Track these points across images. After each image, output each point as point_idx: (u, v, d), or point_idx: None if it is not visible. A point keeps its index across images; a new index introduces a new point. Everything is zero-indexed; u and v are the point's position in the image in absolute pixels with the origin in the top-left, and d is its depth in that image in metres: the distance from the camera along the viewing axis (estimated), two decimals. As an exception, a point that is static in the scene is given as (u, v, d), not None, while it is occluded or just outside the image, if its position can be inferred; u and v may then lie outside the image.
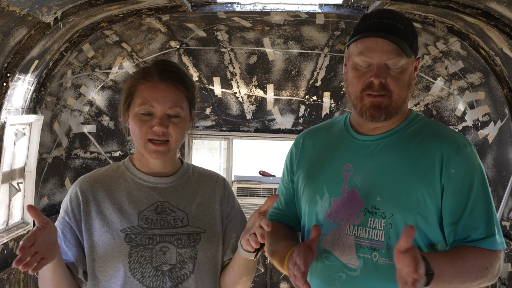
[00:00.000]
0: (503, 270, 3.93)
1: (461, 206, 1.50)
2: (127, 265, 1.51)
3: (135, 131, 1.55)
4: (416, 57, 1.56)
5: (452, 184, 1.49)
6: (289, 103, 5.10)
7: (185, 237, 1.56)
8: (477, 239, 1.50)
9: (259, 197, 5.27)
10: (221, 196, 1.67)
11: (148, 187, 1.59)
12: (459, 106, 4.52)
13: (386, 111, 1.50)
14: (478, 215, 1.50)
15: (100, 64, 4.51)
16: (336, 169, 1.58)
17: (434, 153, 1.51)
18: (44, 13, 3.04)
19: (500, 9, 3.02)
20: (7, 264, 3.61)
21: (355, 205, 1.53)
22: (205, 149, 9.70)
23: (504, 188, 3.82)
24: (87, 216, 1.55)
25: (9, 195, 3.71)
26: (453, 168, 1.49)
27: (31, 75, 3.54)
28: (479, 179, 1.53)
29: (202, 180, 1.67)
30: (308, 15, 4.08)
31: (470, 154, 1.53)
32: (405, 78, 1.51)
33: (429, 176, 1.50)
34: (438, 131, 1.57)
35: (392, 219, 1.49)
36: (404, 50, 1.48)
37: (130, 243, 1.52)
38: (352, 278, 1.52)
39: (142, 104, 1.53)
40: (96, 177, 1.61)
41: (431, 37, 4.09)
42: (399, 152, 1.54)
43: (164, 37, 4.57)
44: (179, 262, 1.53)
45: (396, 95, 1.50)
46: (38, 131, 3.91)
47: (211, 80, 5.01)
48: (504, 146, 3.93)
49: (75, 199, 1.58)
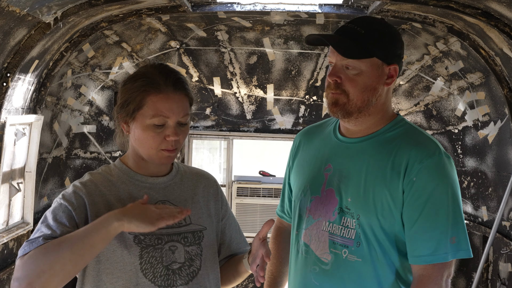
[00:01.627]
0: (503, 270, 3.93)
1: (415, 215, 1.53)
2: (139, 266, 1.51)
3: (147, 141, 1.53)
4: (387, 63, 1.58)
5: (411, 192, 1.52)
6: (289, 103, 5.11)
7: (190, 235, 1.58)
8: (422, 255, 1.53)
9: (259, 197, 5.26)
10: (215, 195, 1.71)
11: (146, 187, 1.59)
12: (459, 106, 4.52)
13: (343, 109, 1.57)
14: (429, 227, 1.51)
15: (100, 64, 4.51)
16: (319, 168, 1.67)
17: (401, 159, 1.54)
18: (44, 13, 3.04)
19: (500, 9, 3.02)
20: (7, 264, 3.61)
21: (332, 203, 1.61)
22: (205, 149, 9.71)
23: (504, 188, 3.82)
24: (93, 218, 1.51)
25: (9, 195, 3.71)
26: (415, 176, 1.52)
27: (31, 75, 3.54)
28: (441, 191, 1.52)
29: (195, 178, 1.69)
30: (308, 15, 4.08)
31: (436, 164, 1.53)
32: (363, 80, 1.55)
33: (394, 181, 1.54)
34: (413, 138, 1.59)
35: (359, 219, 1.56)
36: (346, 53, 1.54)
37: (140, 244, 1.52)
38: (324, 271, 1.61)
39: (156, 116, 1.51)
40: (96, 181, 1.57)
41: (431, 37, 4.09)
42: (373, 156, 1.59)
43: (164, 37, 4.57)
44: (187, 260, 1.56)
45: (352, 95, 1.55)
46: (38, 131, 3.91)
47: (211, 80, 5.01)
48: (504, 146, 3.93)
49: (80, 198, 1.52)
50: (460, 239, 1.52)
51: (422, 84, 4.71)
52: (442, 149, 1.58)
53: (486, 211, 4.25)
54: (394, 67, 1.60)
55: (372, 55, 1.56)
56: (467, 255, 1.52)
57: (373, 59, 1.56)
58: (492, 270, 4.10)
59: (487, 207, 4.25)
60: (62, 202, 1.51)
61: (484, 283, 4.15)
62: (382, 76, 1.58)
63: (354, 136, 1.65)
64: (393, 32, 1.63)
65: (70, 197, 1.52)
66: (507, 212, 3.81)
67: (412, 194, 1.52)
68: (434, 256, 1.51)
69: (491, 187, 4.19)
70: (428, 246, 1.51)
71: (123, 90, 1.57)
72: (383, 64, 1.58)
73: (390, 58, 1.59)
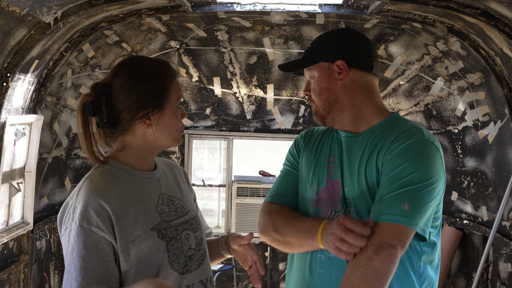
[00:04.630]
0: (503, 270, 3.93)
1: (383, 190, 1.57)
2: (167, 260, 1.55)
3: (176, 125, 1.60)
4: (332, 61, 1.73)
5: (385, 166, 1.60)
6: (289, 103, 5.11)
7: (194, 221, 1.67)
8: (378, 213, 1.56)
9: (259, 197, 5.26)
10: (187, 180, 1.79)
11: (145, 183, 1.60)
12: (459, 106, 4.51)
13: (317, 116, 1.77)
14: (389, 200, 1.55)
15: (100, 64, 4.51)
16: (324, 161, 1.77)
17: (387, 142, 1.64)
18: (44, 13, 3.04)
19: (500, 9, 3.02)
20: (7, 264, 3.61)
21: (336, 194, 1.70)
22: (205, 149, 9.71)
23: (504, 188, 3.82)
24: (119, 226, 1.49)
25: (9, 195, 3.71)
26: (390, 154, 1.61)
27: (31, 75, 3.54)
28: (410, 167, 1.56)
29: (170, 168, 1.76)
30: (308, 15, 4.08)
31: (414, 145, 1.59)
32: (317, 84, 1.74)
33: (379, 161, 1.63)
34: (401, 125, 1.68)
35: (357, 207, 1.65)
36: (297, 65, 1.80)
37: (164, 239, 1.55)
38: (330, 259, 1.66)
39: (179, 98, 1.62)
40: (106, 186, 1.53)
41: (431, 37, 4.09)
42: (367, 146, 1.69)
43: (164, 37, 4.57)
44: (197, 245, 1.64)
45: (317, 101, 1.75)
46: (38, 131, 3.91)
47: (211, 80, 5.01)
48: (504, 146, 3.93)
49: (102, 211, 1.48)
50: (414, 210, 1.53)
51: (422, 84, 4.70)
52: (428, 135, 1.63)
53: (486, 211, 4.25)
54: (341, 62, 1.71)
55: (318, 60, 1.74)
56: (421, 232, 1.53)
57: (319, 64, 1.74)
58: (492, 270, 4.10)
59: (487, 207, 4.25)
60: (90, 230, 1.47)
61: (484, 283, 4.15)
62: (331, 74, 1.73)
63: (353, 131, 1.75)
64: (342, 33, 1.80)
65: (92, 217, 1.47)
66: (507, 212, 3.80)
67: (385, 168, 1.60)
68: (382, 215, 1.53)
69: (491, 187, 4.19)
70: (380, 207, 1.55)
71: (137, 90, 1.55)
72: (330, 64, 1.73)
73: (336, 56, 1.73)
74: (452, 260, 4.63)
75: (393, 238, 1.50)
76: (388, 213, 1.53)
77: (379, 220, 1.53)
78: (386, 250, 1.48)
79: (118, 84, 1.56)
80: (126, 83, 1.56)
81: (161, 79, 1.59)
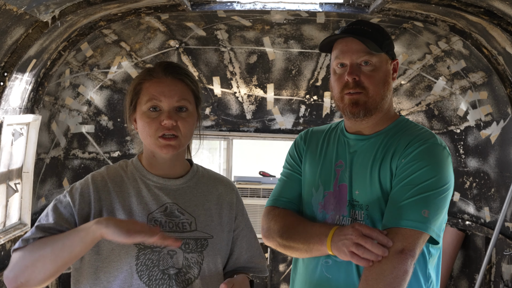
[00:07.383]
0: (506, 272, 3.90)
1: (401, 195, 1.57)
2: (134, 267, 1.50)
3: (145, 129, 1.55)
4: (392, 58, 1.71)
5: (399, 170, 1.60)
6: (289, 103, 5.07)
7: (193, 242, 1.56)
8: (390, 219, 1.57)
9: (259, 198, 5.24)
10: (230, 204, 1.68)
11: (157, 188, 1.58)
12: (461, 106, 4.48)
13: (364, 108, 1.64)
14: (408, 206, 1.55)
15: (98, 64, 4.48)
16: (330, 165, 1.73)
17: (401, 146, 1.63)
18: (41, 11, 3.01)
19: (503, 8, 3.00)
20: (4, 265, 3.58)
21: (344, 199, 1.67)
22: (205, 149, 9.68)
23: (507, 189, 3.79)
24: (97, 215, 1.52)
25: (7, 196, 3.69)
26: (405, 158, 1.60)
27: (29, 75, 3.51)
28: (426, 173, 1.56)
29: (212, 183, 1.67)
30: (309, 14, 4.05)
31: (429, 150, 1.60)
32: (379, 75, 1.65)
33: (393, 165, 1.62)
34: (413, 130, 1.68)
35: (368, 210, 1.62)
36: (370, 47, 1.63)
37: (138, 245, 1.51)
38: (337, 263, 1.64)
39: (149, 101, 1.54)
40: (108, 176, 1.59)
41: (433, 36, 4.06)
42: (379, 150, 1.67)
43: (163, 36, 4.54)
44: (184, 267, 1.54)
45: (372, 91, 1.64)
46: (36, 131, 3.89)
47: (211, 79, 4.98)
48: (507, 146, 3.90)
49: (86, 194, 1.55)
50: (432, 216, 1.54)
51: (424, 84, 4.67)
52: (440, 140, 1.65)
53: (489, 212, 4.22)
54: (397, 62, 1.73)
55: (383, 50, 1.66)
56: (436, 237, 1.55)
57: (382, 55, 1.66)
58: (495, 271, 4.07)
59: (489, 208, 4.21)
60: (66, 197, 1.55)
61: (487, 284, 4.12)
62: (389, 71, 1.70)
63: (362, 133, 1.72)
64: (387, 31, 1.75)
65: (75, 192, 1.55)
66: (510, 213, 3.77)
67: (400, 172, 1.59)
68: (403, 221, 1.54)
69: (493, 188, 4.16)
70: (399, 213, 1.56)
71: (129, 87, 1.63)
72: (388, 59, 1.70)
73: (392, 53, 1.72)
74: (454, 261, 4.60)
75: (414, 244, 1.52)
76: (409, 218, 1.53)
77: (399, 225, 1.53)
78: (408, 257, 1.50)
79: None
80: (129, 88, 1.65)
81: (138, 80, 1.60)
